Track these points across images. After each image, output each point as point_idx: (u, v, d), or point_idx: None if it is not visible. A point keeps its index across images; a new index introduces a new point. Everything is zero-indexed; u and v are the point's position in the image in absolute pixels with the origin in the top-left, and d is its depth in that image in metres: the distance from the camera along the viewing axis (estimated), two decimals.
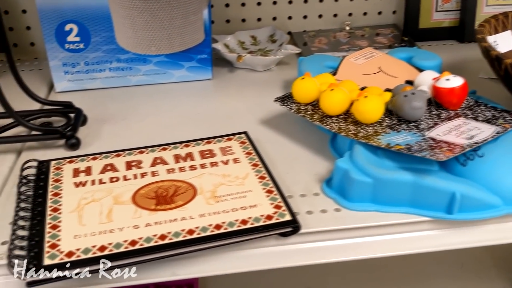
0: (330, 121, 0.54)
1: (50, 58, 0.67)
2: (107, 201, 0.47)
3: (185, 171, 0.51)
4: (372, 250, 0.47)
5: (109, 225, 0.44)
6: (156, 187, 0.49)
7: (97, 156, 0.54)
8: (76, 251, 0.41)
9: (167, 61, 0.70)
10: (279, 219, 0.44)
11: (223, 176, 0.50)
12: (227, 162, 0.52)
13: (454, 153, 0.45)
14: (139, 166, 0.52)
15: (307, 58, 0.67)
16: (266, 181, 0.49)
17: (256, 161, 0.52)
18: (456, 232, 0.47)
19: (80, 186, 0.49)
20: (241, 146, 0.55)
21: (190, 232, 0.43)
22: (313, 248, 0.46)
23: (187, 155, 0.53)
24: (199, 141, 0.56)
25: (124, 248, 0.41)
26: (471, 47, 0.85)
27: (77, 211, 0.45)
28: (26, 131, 0.59)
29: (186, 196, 0.47)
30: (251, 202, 0.46)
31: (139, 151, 0.54)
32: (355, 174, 0.47)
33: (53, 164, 0.52)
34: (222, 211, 0.45)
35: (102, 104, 0.67)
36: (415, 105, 0.51)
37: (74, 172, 0.51)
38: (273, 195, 0.47)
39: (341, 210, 0.47)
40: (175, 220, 0.44)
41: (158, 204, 0.46)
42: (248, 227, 0.43)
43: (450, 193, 0.45)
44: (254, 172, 0.50)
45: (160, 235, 0.42)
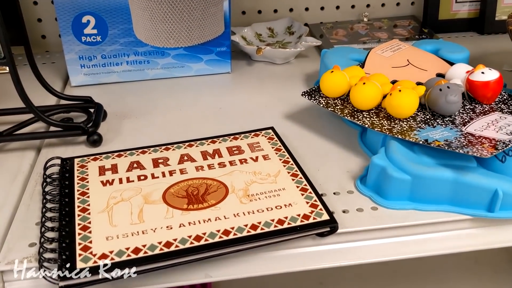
0: (361, 116, 0.52)
1: (66, 51, 0.65)
2: (137, 200, 0.45)
3: (214, 169, 0.49)
4: (411, 250, 0.45)
5: (141, 226, 0.42)
6: (186, 185, 0.47)
7: (122, 153, 0.52)
8: (109, 253, 0.39)
9: (185, 54, 0.68)
10: (316, 218, 0.43)
11: (254, 173, 0.48)
12: (256, 159, 0.50)
13: (498, 149, 0.44)
14: (166, 163, 0.50)
15: (331, 51, 0.65)
16: (299, 178, 0.47)
17: (287, 157, 0.51)
18: (497, 231, 0.46)
19: (107, 184, 0.47)
20: (269, 142, 0.53)
21: (226, 233, 0.41)
22: (350, 249, 0.45)
23: (214, 152, 0.52)
24: (226, 137, 0.54)
25: (159, 250, 0.39)
26: (491, 39, 0.83)
27: (107, 211, 0.44)
28: (45, 127, 0.57)
29: (218, 195, 0.45)
30: (285, 200, 0.45)
31: (164, 147, 0.53)
32: (393, 171, 0.45)
33: (77, 162, 0.50)
34: (256, 210, 0.44)
35: (120, 99, 0.65)
36: (451, 99, 0.50)
37: (100, 170, 0.49)
38: (307, 193, 0.45)
39: (378, 209, 0.46)
40: (209, 220, 0.42)
41: (190, 203, 0.44)
42: (285, 228, 0.42)
43: (492, 191, 0.44)
44: (286, 170, 0.49)
45: (195, 236, 0.41)
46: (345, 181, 0.50)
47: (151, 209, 0.44)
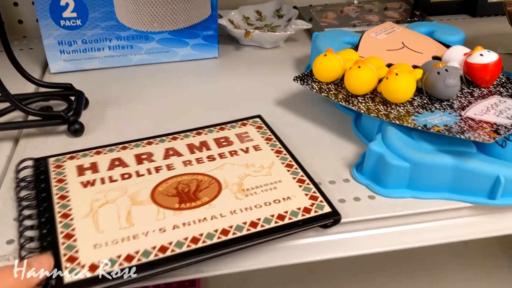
0: (356, 101, 0.50)
1: (44, 36, 0.62)
2: (124, 202, 0.41)
3: (203, 163, 0.46)
4: (410, 239, 0.43)
5: (132, 230, 0.38)
6: (175, 182, 0.43)
7: (101, 150, 0.48)
8: (99, 263, 0.36)
9: (170, 38, 0.65)
10: (318, 211, 0.40)
11: (246, 166, 0.45)
12: (247, 150, 0.48)
13: (500, 134, 0.42)
14: (151, 159, 0.46)
15: (322, 34, 0.62)
16: (294, 169, 0.45)
17: (279, 147, 0.48)
18: (498, 218, 0.45)
19: (88, 185, 0.43)
20: (258, 131, 0.51)
21: (225, 233, 0.38)
22: (348, 239, 0.43)
23: (201, 144, 0.49)
24: (212, 128, 0.51)
25: (154, 256, 0.36)
26: (484, 21, 0.81)
27: (91, 215, 0.40)
28: (23, 117, 0.54)
29: (211, 191, 0.42)
30: (283, 194, 0.42)
31: (147, 142, 0.49)
32: (391, 158, 0.43)
33: (51, 162, 0.46)
34: (254, 206, 0.41)
35: (102, 86, 0.62)
36: (450, 82, 0.48)
37: (78, 170, 0.45)
38: (305, 184, 0.43)
39: (376, 198, 0.44)
40: (205, 219, 0.39)
41: (182, 202, 0.41)
42: (287, 223, 0.39)
43: (493, 177, 0.42)
44: (280, 160, 0.46)
45: (192, 238, 0.38)
46: (340, 169, 0.47)
47: (140, 211, 0.40)
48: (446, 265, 0.92)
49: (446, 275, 0.90)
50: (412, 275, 0.89)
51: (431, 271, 0.90)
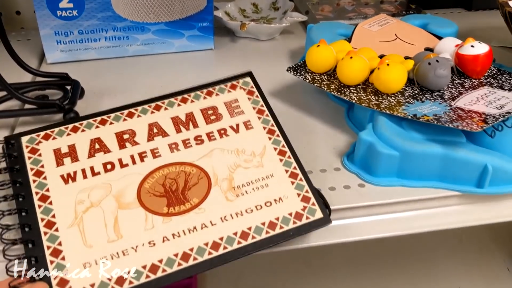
0: (348, 91, 0.50)
1: (41, 27, 0.62)
2: (109, 204, 0.39)
3: (190, 147, 0.43)
4: (399, 227, 0.44)
5: (120, 244, 0.37)
6: (162, 176, 0.41)
7: (77, 126, 0.43)
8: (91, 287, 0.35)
9: (166, 29, 0.66)
10: (309, 217, 0.40)
11: (236, 152, 0.43)
12: (237, 129, 0.45)
13: (488, 124, 0.43)
14: (133, 140, 0.43)
15: (317, 26, 0.63)
16: (287, 158, 0.43)
17: (271, 125, 0.45)
18: (486, 207, 0.45)
19: (69, 180, 0.40)
20: (249, 99, 0.47)
21: (215, 247, 0.38)
22: (338, 226, 0.43)
23: (187, 119, 0.45)
24: (198, 93, 0.47)
25: (145, 278, 0.36)
26: (480, 15, 0.82)
27: (77, 224, 0.38)
28: (19, 105, 0.55)
29: (199, 190, 0.41)
30: (275, 193, 0.41)
31: (127, 113, 0.45)
32: (381, 147, 0.44)
33: (25, 144, 0.42)
34: (245, 210, 0.40)
35: (99, 76, 0.63)
36: (440, 73, 0.48)
37: (56, 156, 0.42)
38: (298, 181, 0.42)
39: (365, 186, 0.45)
40: (195, 229, 0.38)
41: (170, 205, 0.40)
42: (278, 233, 0.39)
43: (481, 166, 0.43)
44: (272, 144, 0.44)
45: (182, 254, 0.37)
46: (331, 158, 0.48)
47: (127, 217, 0.39)
48: (441, 260, 0.92)
49: (441, 269, 0.90)
50: (407, 269, 0.90)
51: (426, 265, 0.91)
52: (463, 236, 0.98)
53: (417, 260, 0.92)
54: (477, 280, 0.89)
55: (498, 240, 0.97)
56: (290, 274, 0.87)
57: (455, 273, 0.89)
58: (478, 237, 0.98)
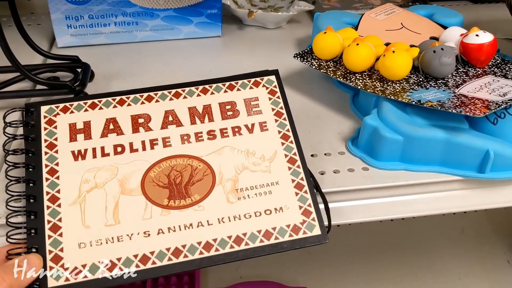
0: (354, 77, 0.51)
1: (52, 11, 0.63)
2: (113, 188, 0.40)
3: (202, 141, 0.43)
4: (401, 210, 0.45)
5: (117, 229, 0.38)
6: (168, 167, 0.41)
7: (96, 103, 0.44)
8: (82, 268, 0.36)
9: (175, 15, 0.67)
10: (307, 233, 0.39)
11: (246, 154, 0.42)
12: (252, 129, 0.44)
13: (491, 110, 0.44)
14: (147, 126, 0.43)
15: (324, 14, 0.64)
16: (296, 167, 0.42)
17: (287, 129, 0.44)
18: (487, 192, 0.46)
19: (79, 158, 0.41)
20: (270, 99, 0.45)
21: (207, 247, 0.38)
22: (341, 208, 0.44)
23: (204, 111, 0.44)
24: (220, 85, 0.46)
25: (135, 266, 0.37)
26: (485, 7, 0.82)
27: (79, 202, 0.39)
28: (31, 86, 0.56)
29: (203, 187, 0.40)
30: (277, 202, 0.40)
31: (147, 96, 0.45)
32: (385, 131, 0.45)
33: (44, 114, 0.43)
34: (243, 215, 0.39)
35: (108, 60, 0.64)
36: (445, 61, 0.49)
37: (71, 131, 0.42)
38: (302, 192, 0.41)
39: (369, 169, 0.46)
40: (191, 226, 0.39)
41: (171, 197, 0.40)
42: (271, 244, 0.39)
43: (483, 151, 0.44)
44: (284, 151, 0.43)
45: (174, 250, 0.37)
46: (336, 142, 0.49)
47: (127, 203, 0.39)
48: (442, 251, 0.93)
49: (441, 261, 0.91)
50: (407, 259, 0.90)
51: (426, 256, 0.92)
52: (464, 227, 0.99)
53: (418, 251, 0.92)
54: (477, 271, 0.90)
55: (499, 232, 0.98)
56: (291, 261, 0.88)
57: (455, 265, 0.90)
58: (478, 229, 0.99)
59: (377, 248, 0.92)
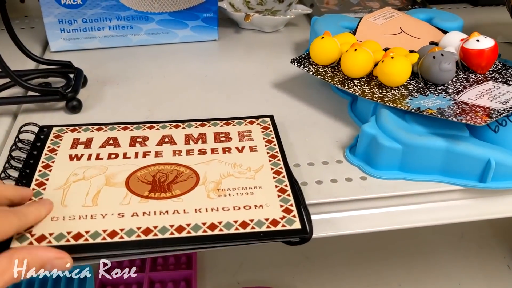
0: (352, 84, 0.50)
1: (45, 15, 0.62)
2: (98, 180, 0.41)
3: (192, 155, 0.44)
4: (400, 220, 0.44)
5: (93, 210, 0.38)
6: (155, 170, 0.42)
7: (102, 127, 0.48)
8: (48, 235, 0.36)
9: (170, 19, 0.65)
10: (285, 226, 0.38)
11: (233, 165, 0.43)
12: (242, 150, 0.45)
13: (492, 118, 0.42)
14: (144, 143, 0.46)
15: (322, 18, 0.63)
16: (281, 177, 0.42)
17: (276, 151, 0.45)
18: (489, 201, 0.45)
19: (74, 159, 0.43)
20: (263, 132, 0.48)
21: (179, 230, 0.37)
22: (338, 218, 0.43)
23: (199, 136, 0.47)
24: (217, 121, 0.49)
25: (101, 239, 0.36)
26: (486, 10, 0.81)
27: (63, 188, 0.40)
28: (22, 92, 0.55)
29: (185, 185, 0.41)
30: (258, 201, 0.40)
31: (149, 125, 0.48)
32: (384, 140, 0.44)
33: (54, 132, 0.47)
34: (222, 208, 0.39)
35: (102, 65, 0.63)
36: (445, 67, 0.48)
37: (74, 142, 0.46)
38: (285, 195, 0.40)
39: (367, 178, 0.45)
40: (166, 212, 0.38)
41: (153, 190, 0.40)
42: (246, 232, 0.37)
43: (484, 161, 0.43)
44: (270, 165, 0.44)
45: (144, 229, 0.37)
46: (334, 150, 0.48)
47: (109, 192, 0.40)
48: (441, 255, 0.92)
49: (441, 265, 0.90)
50: (407, 264, 0.90)
51: (426, 261, 0.91)
52: (464, 232, 0.98)
53: (418, 256, 0.92)
54: (477, 276, 0.89)
55: (499, 237, 0.97)
56: (289, 266, 0.87)
57: (455, 269, 0.89)
58: (478, 234, 0.98)
59: (375, 253, 0.91)
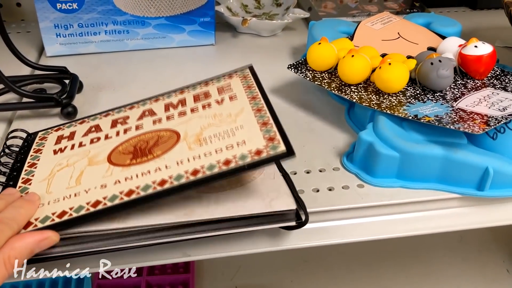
0: (349, 90, 0.50)
1: (40, 19, 0.61)
2: (81, 163, 0.40)
3: (172, 119, 0.42)
4: (398, 229, 0.44)
5: (76, 188, 0.38)
6: (136, 140, 0.41)
7: (85, 120, 0.47)
8: (34, 220, 0.36)
9: (167, 24, 0.65)
10: (270, 153, 0.35)
11: (213, 116, 0.41)
12: (222, 101, 0.42)
13: (490, 126, 0.42)
14: (125, 122, 0.44)
15: (319, 23, 0.62)
16: (262, 113, 0.39)
17: (256, 94, 0.42)
18: (486, 210, 0.45)
19: (58, 152, 0.43)
20: (242, 81, 0.45)
21: (162, 183, 0.35)
22: (336, 227, 0.43)
23: (179, 102, 0.45)
24: (196, 85, 0.47)
25: (85, 210, 0.35)
26: (484, 14, 0.81)
27: (48, 178, 0.40)
28: (17, 99, 0.54)
29: (166, 145, 0.39)
30: (240, 138, 0.37)
31: (130, 106, 0.47)
32: (381, 147, 0.43)
33: (39, 136, 0.47)
34: (203, 154, 0.37)
35: (98, 70, 0.62)
36: (443, 73, 0.48)
37: (57, 139, 0.45)
38: (268, 127, 0.37)
39: (365, 186, 0.44)
40: (148, 172, 0.37)
41: (134, 157, 0.39)
42: (230, 169, 0.35)
43: (482, 169, 0.42)
44: (251, 105, 0.41)
45: (127, 191, 0.36)
46: (331, 157, 0.48)
47: (92, 171, 0.39)
48: (440, 259, 0.92)
49: (439, 269, 0.90)
50: (406, 268, 0.89)
51: (425, 265, 0.91)
52: (463, 236, 0.97)
53: (417, 260, 0.91)
54: (476, 280, 0.89)
55: (498, 241, 0.97)
56: (287, 271, 0.87)
57: (454, 274, 0.89)
58: (478, 238, 0.98)
59: (374, 257, 0.91)
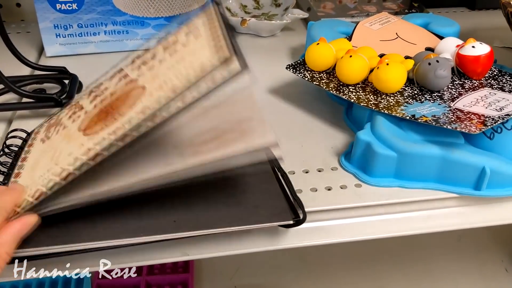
0: (347, 90, 0.50)
1: (40, 20, 0.62)
2: (61, 144, 0.40)
3: (143, 76, 0.40)
4: (395, 228, 0.44)
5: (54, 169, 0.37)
6: (107, 104, 0.40)
7: (71, 102, 0.47)
8: (17, 208, 0.36)
9: (166, 24, 0.65)
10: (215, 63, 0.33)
11: (177, 59, 0.38)
12: (188, 43, 0.39)
13: (487, 126, 0.42)
14: (101, 92, 0.43)
15: (318, 23, 0.63)
16: (219, 33, 0.37)
17: (216, 24, 0.39)
18: (484, 209, 0.45)
19: (45, 140, 0.43)
20: (208, 18, 0.41)
21: (123, 138, 0.34)
22: (333, 226, 0.43)
23: (151, 57, 0.42)
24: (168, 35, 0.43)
25: (58, 187, 0.35)
26: (483, 14, 0.81)
27: (33, 167, 0.40)
28: (17, 99, 0.55)
29: (133, 101, 0.37)
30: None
31: (109, 77, 0.44)
32: (379, 147, 0.43)
33: (35, 130, 0.47)
34: (165, 97, 0.34)
35: (97, 70, 0.61)
36: (440, 73, 0.48)
37: (47, 128, 0.45)
38: (221, 43, 0.35)
39: (362, 186, 0.44)
40: (113, 133, 0.35)
41: (103, 122, 0.37)
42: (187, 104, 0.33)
43: (479, 168, 0.43)
44: (209, 30, 0.38)
45: (92, 156, 0.35)
46: (329, 157, 0.48)
47: (69, 147, 0.38)
48: (439, 258, 0.92)
49: (438, 268, 0.90)
50: (404, 267, 0.89)
51: (423, 263, 0.91)
52: (461, 235, 0.98)
53: (415, 259, 0.92)
54: (474, 280, 0.89)
55: (497, 240, 0.97)
56: (286, 271, 0.87)
57: (452, 273, 0.89)
58: (476, 237, 0.98)
59: (373, 256, 0.91)
